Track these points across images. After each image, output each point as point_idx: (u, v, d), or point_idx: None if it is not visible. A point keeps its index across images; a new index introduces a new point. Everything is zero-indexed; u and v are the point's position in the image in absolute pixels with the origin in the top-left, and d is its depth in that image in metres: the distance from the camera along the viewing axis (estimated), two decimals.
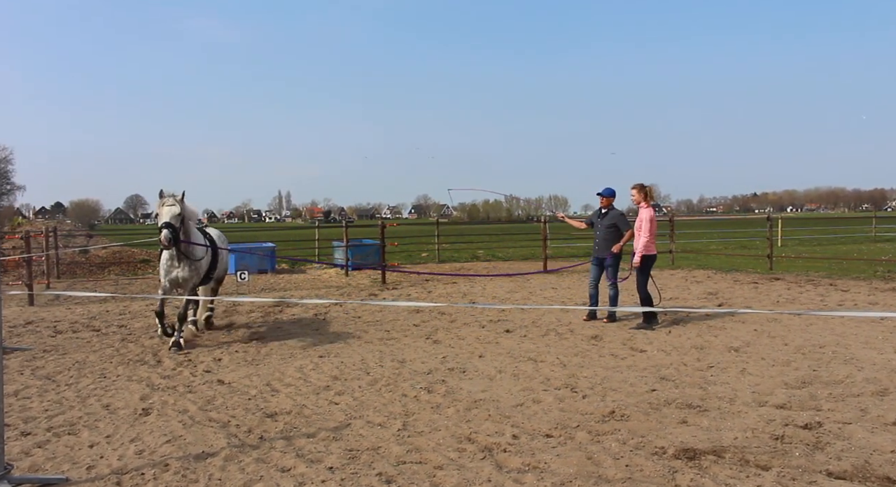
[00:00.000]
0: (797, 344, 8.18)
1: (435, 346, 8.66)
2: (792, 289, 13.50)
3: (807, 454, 4.68)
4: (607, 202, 10.44)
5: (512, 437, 5.14)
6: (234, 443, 5.09)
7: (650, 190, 10.02)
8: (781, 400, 5.92)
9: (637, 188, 9.94)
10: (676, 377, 6.85)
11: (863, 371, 6.85)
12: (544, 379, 6.86)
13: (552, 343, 8.74)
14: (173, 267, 8.66)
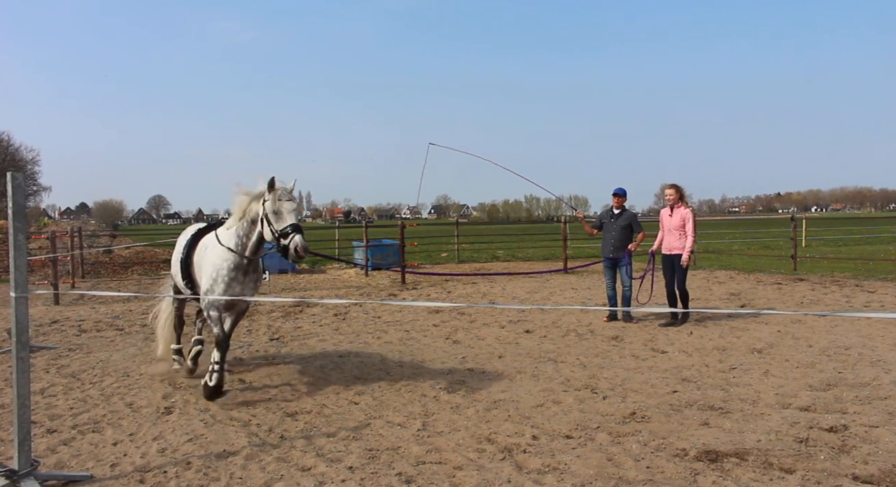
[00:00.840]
0: (822, 346, 8.06)
1: (454, 346, 8.65)
2: (816, 290, 13.31)
3: (832, 457, 4.61)
4: (622, 202, 10.40)
5: (532, 438, 5.12)
6: (255, 442, 5.13)
7: (682, 190, 10.03)
8: (806, 402, 5.84)
9: (674, 188, 9.97)
10: (698, 378, 6.78)
11: (890, 373, 6.73)
12: (564, 380, 6.83)
13: (572, 343, 8.70)
14: (237, 280, 6.13)
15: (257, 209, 5.99)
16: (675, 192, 9.97)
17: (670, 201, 10.04)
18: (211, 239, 6.41)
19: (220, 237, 6.29)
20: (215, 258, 6.16)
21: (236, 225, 6.14)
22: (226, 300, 6.10)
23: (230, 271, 6.09)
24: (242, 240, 6.13)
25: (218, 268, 6.10)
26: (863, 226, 43.34)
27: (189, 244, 6.67)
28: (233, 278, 6.09)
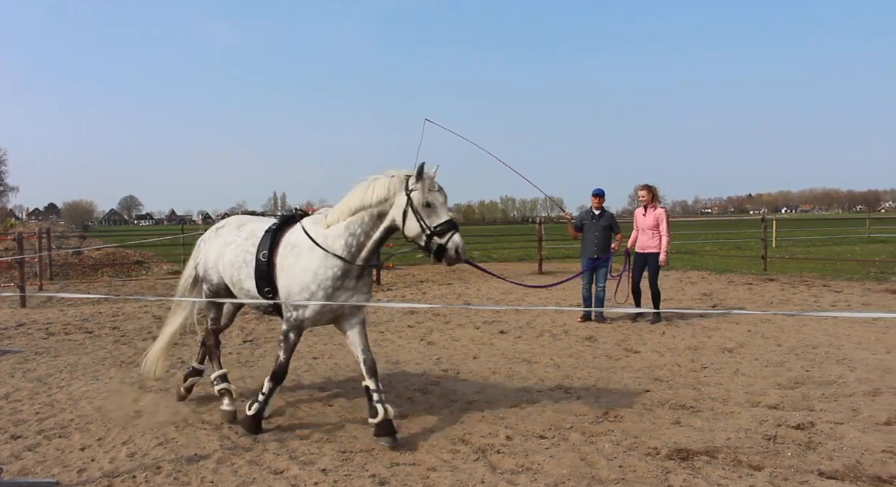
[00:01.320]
0: (790, 345, 8.20)
1: (429, 347, 8.65)
2: (786, 290, 13.53)
3: (799, 454, 4.69)
4: (601, 202, 10.49)
5: (506, 438, 5.14)
6: (227, 446, 5.08)
7: (656, 190, 10.20)
8: (774, 400, 5.93)
9: (647, 188, 10.19)
10: (670, 378, 6.85)
11: (855, 371, 6.87)
12: (538, 381, 6.86)
13: (547, 344, 8.74)
14: (346, 288, 5.09)
15: (395, 200, 4.91)
16: (648, 193, 10.17)
17: (644, 201, 10.24)
18: (300, 238, 5.17)
19: (316, 236, 5.08)
20: (312, 263, 5.02)
21: (347, 220, 5.03)
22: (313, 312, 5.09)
23: (335, 280, 5.00)
24: (359, 240, 5.02)
25: (320, 278, 4.98)
26: (830, 227, 44.19)
27: (270, 242, 5.29)
28: (337, 288, 5.03)
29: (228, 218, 6.13)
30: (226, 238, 5.72)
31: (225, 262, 5.61)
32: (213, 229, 6.04)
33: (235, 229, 5.72)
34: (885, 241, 29.78)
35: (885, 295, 12.38)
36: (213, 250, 5.79)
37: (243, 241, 5.54)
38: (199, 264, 5.94)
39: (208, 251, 5.85)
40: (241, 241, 5.55)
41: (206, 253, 5.87)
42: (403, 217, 4.88)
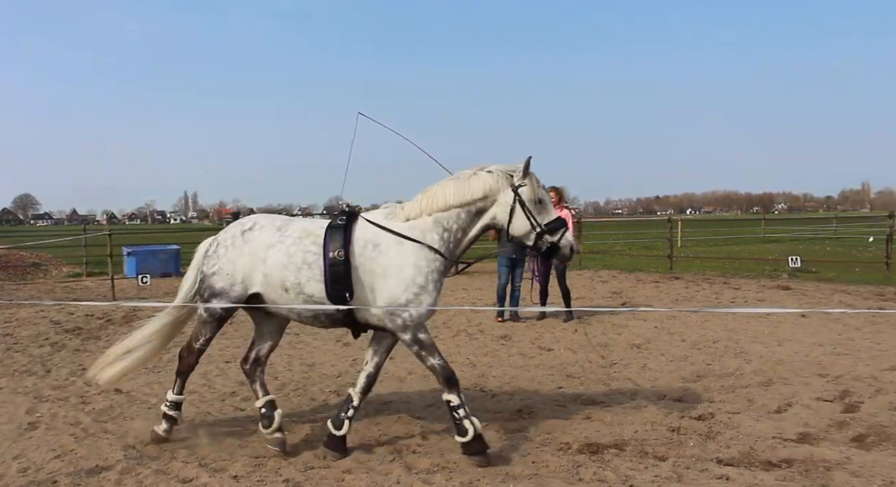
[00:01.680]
0: (694, 340, 8.60)
1: (345, 349, 8.57)
2: (690, 288, 14.18)
3: (700, 443, 4.93)
4: None
5: (422, 438, 5.16)
6: (132, 455, 4.86)
7: (564, 191, 10.44)
8: (678, 393, 6.21)
9: (555, 190, 10.38)
10: (582, 374, 7.06)
11: (751, 363, 7.28)
12: None
13: (462, 343, 8.83)
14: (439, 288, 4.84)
15: (499, 198, 4.72)
16: (557, 194, 10.41)
17: (552, 203, 10.46)
18: (380, 234, 4.76)
19: (403, 231, 4.72)
20: (408, 257, 4.66)
21: (436, 215, 4.73)
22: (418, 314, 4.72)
23: (440, 273, 4.73)
24: (455, 236, 4.78)
25: (424, 270, 4.65)
26: (730, 227, 46.55)
27: (342, 241, 4.68)
28: (438, 287, 4.76)
29: (249, 219, 5.13)
30: (263, 240, 4.84)
31: (270, 266, 4.75)
32: (237, 232, 4.95)
33: (274, 230, 4.89)
34: (777, 241, 31.63)
35: (777, 292, 13.17)
36: (244, 256, 4.82)
37: (297, 241, 4.79)
38: (214, 274, 4.89)
39: (235, 258, 4.84)
40: (294, 241, 4.79)
41: (232, 261, 4.85)
42: (510, 214, 4.70)
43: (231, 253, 4.89)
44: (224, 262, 4.89)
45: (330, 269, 4.64)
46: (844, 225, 43.43)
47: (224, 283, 4.86)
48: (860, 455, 4.59)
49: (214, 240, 5.10)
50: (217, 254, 4.95)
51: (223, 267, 4.88)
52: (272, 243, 4.82)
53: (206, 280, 4.95)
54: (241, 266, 4.84)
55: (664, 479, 4.30)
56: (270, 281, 4.78)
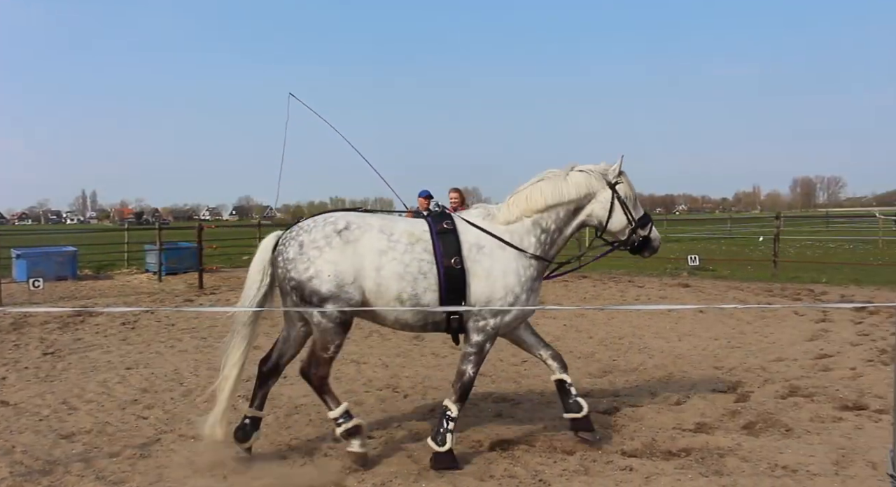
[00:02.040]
0: (600, 337, 8.90)
1: (255, 352, 8.30)
2: (597, 287, 14.68)
3: (605, 436, 5.11)
4: (429, 203, 10.77)
5: (333, 440, 5.10)
6: (19, 472, 4.56)
7: (463, 192, 10.69)
8: (585, 388, 6.41)
9: (457, 191, 10.69)
10: (493, 373, 7.17)
11: (653, 358, 7.61)
12: (367, 381, 6.89)
13: (375, 344, 8.80)
14: (534, 287, 4.81)
15: (598, 195, 4.82)
16: (459, 196, 10.74)
17: (454, 204, 10.74)
18: (482, 237, 4.68)
19: (501, 234, 4.70)
20: (511, 264, 4.62)
21: (535, 216, 4.74)
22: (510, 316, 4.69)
23: (534, 281, 4.73)
24: (552, 236, 4.81)
25: (523, 279, 4.62)
26: None
27: (456, 247, 4.58)
28: (530, 293, 4.72)
29: (333, 217, 4.70)
30: (371, 244, 4.52)
31: (385, 276, 4.47)
32: (330, 232, 4.54)
33: (378, 232, 4.57)
34: (678, 240, 33.14)
35: (677, 289, 13.83)
36: (347, 258, 4.47)
37: (408, 248, 4.54)
38: (313, 278, 4.45)
39: (335, 259, 4.46)
40: (406, 248, 4.54)
41: (332, 262, 4.46)
42: (609, 211, 4.81)
43: (328, 254, 4.47)
44: (322, 264, 4.46)
45: (446, 279, 4.51)
46: (738, 225, 46.06)
47: (330, 286, 4.44)
48: (750, 441, 4.89)
49: (293, 241, 4.58)
50: (307, 257, 4.49)
51: (322, 269, 4.44)
52: (383, 249, 4.52)
53: (304, 286, 4.48)
54: (344, 267, 4.46)
55: (572, 472, 4.44)
56: (384, 291, 4.51)
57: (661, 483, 4.18)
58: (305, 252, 4.49)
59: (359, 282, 4.47)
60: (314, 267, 4.45)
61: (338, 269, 4.43)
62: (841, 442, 4.81)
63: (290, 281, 4.51)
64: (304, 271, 4.46)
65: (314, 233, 4.55)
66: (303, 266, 4.47)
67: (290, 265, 4.51)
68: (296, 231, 4.64)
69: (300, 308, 4.57)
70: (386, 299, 4.50)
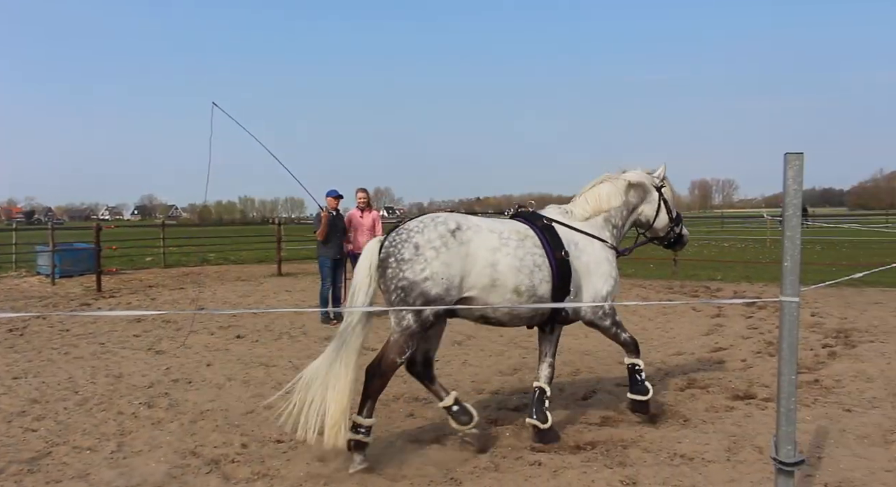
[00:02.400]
0: (510, 336, 9.06)
1: (158, 357, 8.04)
2: None
3: (515, 433, 5.22)
4: (339, 203, 10.64)
5: (241, 446, 4.97)
6: None
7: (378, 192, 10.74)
8: (496, 386, 6.51)
9: (365, 191, 10.79)
10: (405, 372, 7.12)
11: (561, 355, 7.75)
12: (276, 384, 6.72)
13: (285, 347, 8.63)
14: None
15: (649, 196, 5.49)
16: (366, 195, 10.83)
17: (362, 203, 10.75)
18: (571, 233, 5.02)
19: (586, 229, 5.13)
20: (602, 254, 5.10)
21: (604, 214, 5.28)
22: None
23: (616, 268, 5.23)
24: (620, 231, 5.42)
25: (613, 267, 5.17)
26: None
27: (561, 241, 4.86)
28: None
29: (442, 217, 4.68)
30: (485, 243, 4.61)
31: (502, 270, 4.57)
32: (444, 232, 4.51)
33: (488, 231, 4.68)
34: None
35: None
36: (460, 259, 4.48)
37: (520, 243, 4.71)
38: (427, 280, 4.40)
39: (450, 261, 4.45)
40: (518, 244, 4.70)
41: (447, 264, 4.43)
42: (657, 211, 5.49)
43: (444, 255, 4.44)
44: (437, 266, 4.41)
45: (558, 270, 4.77)
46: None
47: (440, 289, 4.41)
48: (651, 433, 5.11)
49: (406, 243, 4.50)
50: (423, 258, 4.43)
51: (438, 272, 4.41)
52: (496, 246, 4.62)
53: (416, 287, 4.40)
54: (457, 269, 4.47)
55: (482, 469, 4.50)
56: (500, 285, 4.58)
57: (568, 477, 4.30)
58: (422, 253, 4.45)
59: (465, 283, 4.53)
60: (430, 268, 4.42)
61: (450, 272, 4.45)
62: (732, 430, 5.10)
63: (402, 281, 4.44)
64: (420, 272, 4.42)
65: (427, 233, 4.52)
66: (419, 266, 4.42)
67: (406, 266, 4.44)
68: (405, 233, 4.57)
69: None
70: (501, 292, 4.61)
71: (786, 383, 3.13)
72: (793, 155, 3.05)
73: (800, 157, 3.05)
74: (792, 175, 3.05)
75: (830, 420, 5.26)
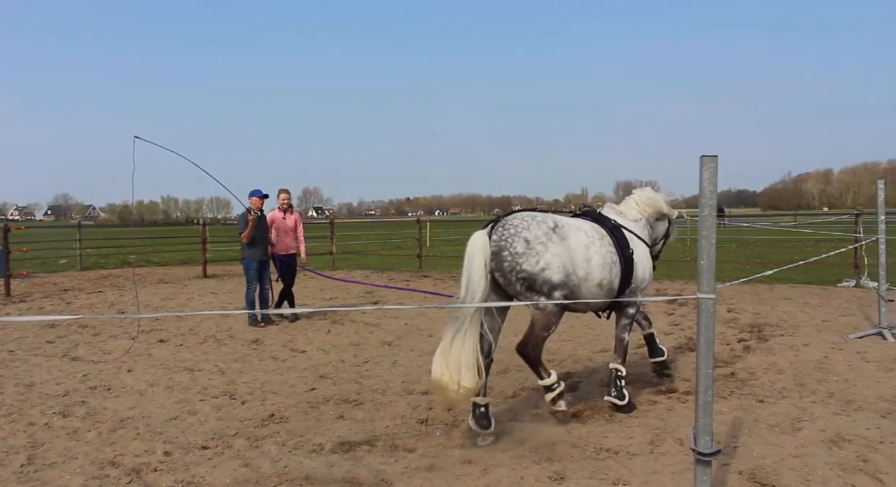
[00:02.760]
0: (440, 335, 9.08)
1: (74, 364, 7.69)
2: (438, 285, 14.98)
3: (446, 432, 5.24)
4: (262, 202, 10.44)
5: (164, 454, 4.81)
6: None
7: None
8: (426, 386, 6.52)
9: (287, 192, 10.74)
10: (335, 374, 7.10)
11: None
12: (201, 389, 6.56)
13: (210, 350, 8.40)
14: None
15: (669, 212, 6.35)
16: (288, 196, 10.68)
17: (284, 205, 10.65)
18: (631, 234, 5.78)
19: (635, 230, 5.91)
20: (646, 250, 5.92)
21: (645, 217, 6.13)
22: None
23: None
24: (657, 233, 6.34)
25: (650, 261, 5.95)
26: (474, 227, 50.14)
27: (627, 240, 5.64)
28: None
29: (539, 217, 5.22)
30: (580, 240, 5.25)
31: (594, 266, 5.24)
32: (548, 229, 5.08)
33: (578, 230, 5.33)
34: None
35: None
36: (565, 252, 5.09)
37: (601, 241, 5.38)
38: (546, 269, 4.97)
39: (560, 253, 5.06)
40: (600, 242, 5.37)
41: (558, 255, 5.04)
42: (667, 230, 6.43)
43: (553, 248, 5.04)
44: (550, 257, 5.01)
45: (626, 266, 5.47)
46: None
47: (560, 276, 5.03)
48: (578, 428, 5.23)
49: (516, 238, 5.02)
50: (535, 251, 4.99)
51: (552, 262, 5.00)
52: (587, 243, 5.27)
53: (537, 277, 4.98)
54: (566, 260, 5.08)
55: (413, 470, 4.50)
56: (590, 278, 5.23)
57: (498, 474, 4.35)
58: (533, 247, 5.00)
59: (574, 272, 5.12)
60: (543, 260, 4.99)
61: (563, 261, 5.06)
62: (655, 423, 5.28)
63: (521, 273, 4.99)
64: (536, 264, 4.97)
65: (533, 229, 5.07)
66: (533, 259, 4.97)
67: (521, 259, 4.97)
68: (512, 229, 5.08)
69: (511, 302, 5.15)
70: (589, 285, 5.25)
71: (703, 377, 3.27)
72: (708, 157, 3.18)
73: (714, 160, 3.19)
74: (707, 176, 3.18)
75: (745, 410, 5.51)
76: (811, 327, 8.96)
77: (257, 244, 10.21)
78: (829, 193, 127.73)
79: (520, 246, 4.99)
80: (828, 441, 4.74)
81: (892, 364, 6.86)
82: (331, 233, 21.22)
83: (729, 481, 4.15)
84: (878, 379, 6.33)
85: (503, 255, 5.00)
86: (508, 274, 5.02)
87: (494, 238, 5.09)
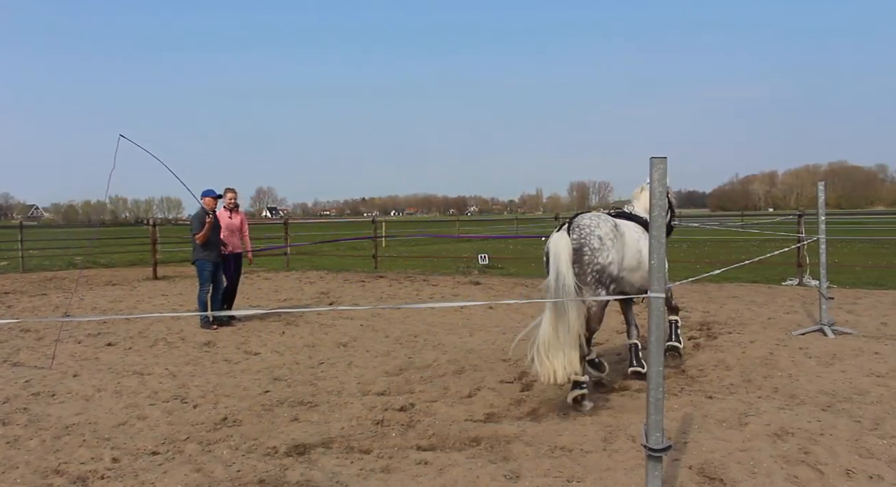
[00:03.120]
0: (396, 336, 9.08)
1: (15, 370, 7.43)
2: (393, 286, 14.94)
3: (402, 433, 5.23)
4: (216, 202, 10.26)
5: (112, 461, 4.68)
6: None
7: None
8: (382, 387, 6.50)
9: (233, 191, 10.66)
10: (289, 376, 7.02)
11: (447, 354, 7.91)
12: (151, 393, 6.41)
13: (161, 353, 8.21)
14: None
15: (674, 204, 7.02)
16: (235, 195, 10.59)
17: (231, 204, 10.53)
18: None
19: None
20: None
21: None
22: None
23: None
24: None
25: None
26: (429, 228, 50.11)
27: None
28: None
29: (598, 216, 5.98)
30: (634, 235, 6.02)
31: (645, 256, 5.85)
32: (612, 227, 5.84)
33: (628, 227, 6.06)
34: (469, 240, 34.86)
35: (469, 287, 14.52)
36: (622, 249, 5.83)
37: (644, 236, 6.01)
38: (611, 264, 5.70)
39: (619, 249, 5.80)
40: (645, 237, 5.97)
41: (618, 251, 5.78)
42: (672, 216, 7.08)
43: (616, 244, 5.74)
44: (614, 253, 5.71)
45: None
46: (523, 226, 49.41)
47: (616, 270, 5.73)
48: (533, 427, 5.28)
49: (592, 235, 5.68)
50: (605, 247, 5.68)
51: (614, 258, 5.71)
52: (638, 237, 6.03)
53: (606, 270, 5.66)
54: (621, 254, 5.79)
55: (369, 471, 4.47)
56: (642, 267, 5.90)
57: (454, 474, 4.36)
58: (605, 243, 5.69)
59: (622, 266, 5.81)
60: (611, 255, 5.70)
61: (619, 257, 5.77)
62: (608, 421, 5.36)
63: (596, 266, 5.65)
64: (606, 258, 5.66)
65: (603, 227, 5.77)
66: (605, 253, 5.67)
67: (598, 254, 5.65)
68: (587, 228, 5.74)
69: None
70: (641, 274, 5.96)
71: (654, 374, 3.33)
72: (657, 158, 3.25)
73: (664, 161, 3.26)
74: (657, 177, 3.25)
75: (694, 406, 5.65)
76: (757, 324, 9.22)
77: (211, 245, 10.02)
78: (773, 195, 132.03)
79: (596, 243, 5.67)
80: (772, 434, 4.89)
81: (832, 359, 7.12)
82: (285, 233, 20.97)
83: (679, 475, 4.24)
84: (819, 373, 6.56)
85: (584, 250, 5.65)
86: (586, 266, 5.67)
87: (574, 237, 5.72)
